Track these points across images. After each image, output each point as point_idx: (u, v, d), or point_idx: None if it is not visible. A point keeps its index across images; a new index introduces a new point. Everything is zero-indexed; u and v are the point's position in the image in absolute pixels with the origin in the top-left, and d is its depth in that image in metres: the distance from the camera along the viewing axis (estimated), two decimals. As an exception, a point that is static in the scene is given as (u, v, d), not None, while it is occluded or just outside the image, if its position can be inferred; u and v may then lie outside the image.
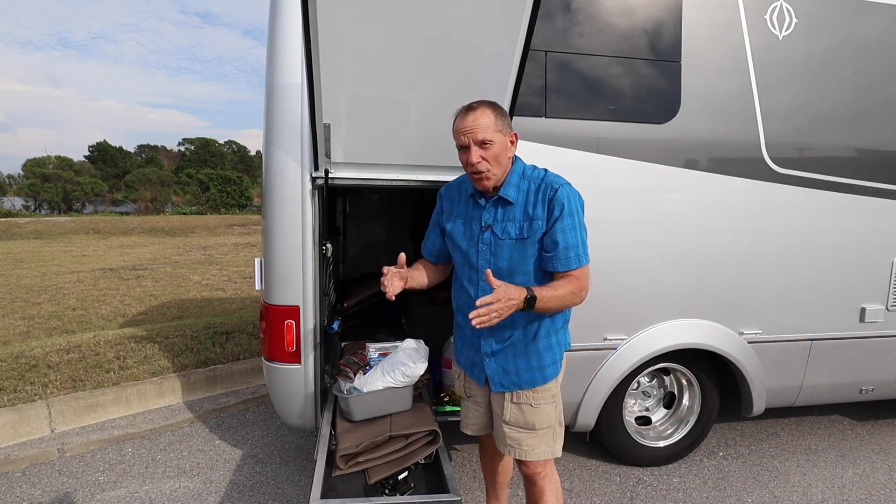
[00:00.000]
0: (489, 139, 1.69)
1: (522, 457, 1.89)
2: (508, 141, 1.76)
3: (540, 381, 1.85)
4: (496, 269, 1.76)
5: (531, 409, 1.86)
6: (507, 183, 1.78)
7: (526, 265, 1.77)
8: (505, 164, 1.76)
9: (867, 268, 2.92)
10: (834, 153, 2.81)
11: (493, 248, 1.78)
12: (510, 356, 1.85)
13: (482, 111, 1.71)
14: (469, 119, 1.70)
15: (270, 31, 2.31)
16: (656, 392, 3.15)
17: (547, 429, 1.89)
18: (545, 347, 1.84)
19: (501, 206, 1.79)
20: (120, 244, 13.28)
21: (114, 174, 48.56)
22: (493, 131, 1.70)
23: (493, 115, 1.71)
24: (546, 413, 1.88)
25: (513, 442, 1.89)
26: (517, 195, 1.77)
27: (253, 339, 4.58)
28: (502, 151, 1.73)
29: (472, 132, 1.70)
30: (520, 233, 1.75)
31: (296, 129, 2.28)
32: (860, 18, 2.75)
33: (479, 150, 1.70)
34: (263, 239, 2.45)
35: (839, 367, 3.04)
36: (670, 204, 2.65)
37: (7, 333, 4.89)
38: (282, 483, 2.86)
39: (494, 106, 1.75)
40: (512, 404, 1.87)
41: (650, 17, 2.55)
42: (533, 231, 1.73)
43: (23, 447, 3.21)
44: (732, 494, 2.83)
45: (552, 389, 1.88)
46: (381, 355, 2.50)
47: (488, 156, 1.71)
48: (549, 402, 1.88)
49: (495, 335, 1.84)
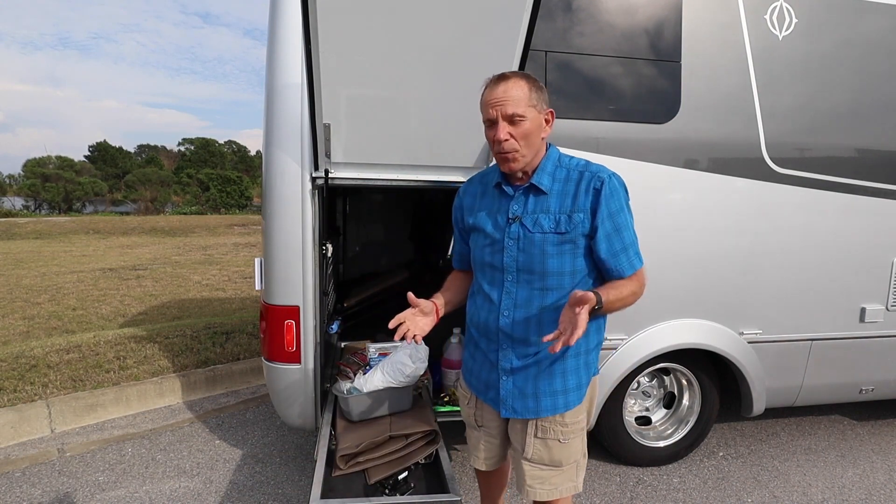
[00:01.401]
0: (521, 114, 1.46)
1: (544, 497, 1.65)
2: (543, 119, 1.54)
3: (562, 408, 1.60)
4: (524, 266, 1.56)
5: (559, 446, 1.62)
6: (540, 169, 1.56)
7: (562, 264, 1.54)
8: (537, 145, 1.54)
9: (867, 268, 2.92)
10: (834, 153, 2.81)
11: (522, 244, 1.55)
12: (531, 376, 1.60)
13: (515, 81, 1.48)
14: (500, 89, 1.48)
15: (270, 31, 2.31)
16: (656, 392, 3.15)
17: (572, 464, 1.66)
18: (573, 368, 1.61)
19: (533, 194, 1.57)
20: (120, 244, 13.28)
21: (114, 174, 48.60)
22: (525, 105, 1.47)
23: (527, 87, 1.49)
24: (574, 447, 1.65)
25: (533, 482, 1.65)
26: (552, 184, 1.55)
27: (253, 339, 4.58)
28: (535, 130, 1.50)
29: (501, 105, 1.47)
30: (556, 226, 1.52)
31: (296, 129, 2.28)
32: (860, 18, 2.75)
33: (508, 126, 1.48)
34: (263, 239, 2.45)
35: (839, 367, 3.04)
36: (670, 204, 2.65)
37: (7, 333, 4.89)
38: (282, 483, 2.86)
39: (530, 78, 1.52)
40: (536, 439, 1.62)
41: (650, 17, 2.55)
42: (573, 225, 1.51)
43: (23, 447, 3.21)
44: (732, 494, 2.83)
45: (582, 422, 1.65)
46: (381, 355, 2.50)
47: (518, 133, 1.48)
48: (577, 435, 1.65)
49: (517, 349, 1.60)
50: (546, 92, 1.56)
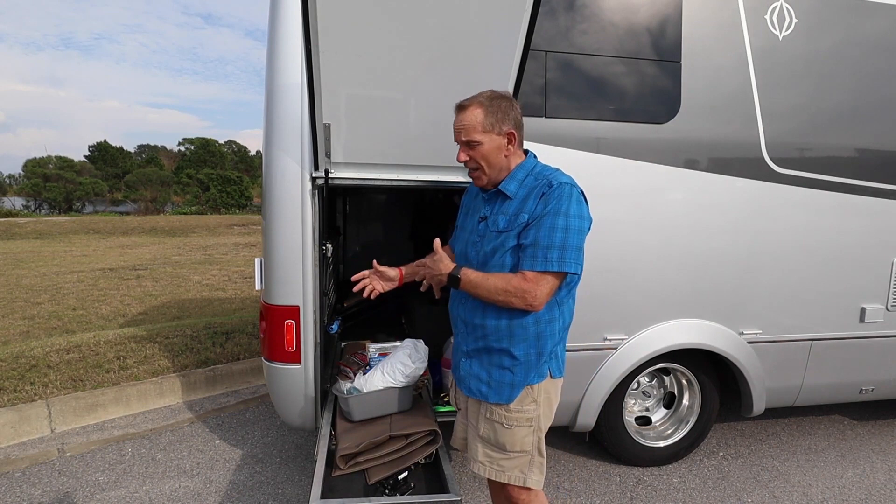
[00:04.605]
0: (476, 140, 1.64)
1: (493, 476, 1.77)
2: (503, 140, 1.67)
3: (505, 399, 1.70)
4: (483, 259, 1.71)
5: (503, 430, 1.72)
6: (510, 177, 1.70)
7: (504, 259, 1.65)
8: (499, 163, 1.68)
9: (867, 268, 2.92)
10: (834, 153, 2.81)
11: (483, 240, 1.72)
12: (484, 362, 1.74)
13: (471, 110, 1.64)
14: (458, 118, 1.67)
15: (270, 31, 2.31)
16: (656, 392, 3.15)
17: (521, 453, 1.74)
18: (522, 364, 1.69)
19: (500, 199, 1.72)
20: (120, 244, 13.28)
21: (114, 174, 48.56)
22: (479, 132, 1.63)
23: (482, 114, 1.63)
24: (520, 436, 1.73)
25: (483, 458, 1.77)
26: (517, 190, 1.68)
27: (253, 339, 4.58)
28: (492, 151, 1.66)
29: (459, 131, 1.67)
30: (506, 225, 1.66)
31: (296, 129, 2.28)
32: (860, 18, 2.75)
33: (468, 149, 1.67)
34: (263, 239, 2.45)
35: (839, 367, 3.04)
36: (670, 204, 2.65)
37: (7, 333, 4.89)
38: (282, 483, 2.86)
39: (486, 104, 1.64)
40: (485, 420, 1.76)
41: (650, 17, 2.55)
42: (517, 224, 1.63)
43: (23, 447, 3.21)
44: (732, 494, 2.83)
45: (528, 413, 1.72)
46: (381, 355, 2.50)
47: (476, 155, 1.67)
48: (523, 425, 1.72)
49: (471, 334, 1.76)
50: (509, 113, 1.66)
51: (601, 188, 2.51)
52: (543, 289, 1.58)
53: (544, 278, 1.58)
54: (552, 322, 1.70)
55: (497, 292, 1.61)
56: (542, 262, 1.57)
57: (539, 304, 1.60)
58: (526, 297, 1.58)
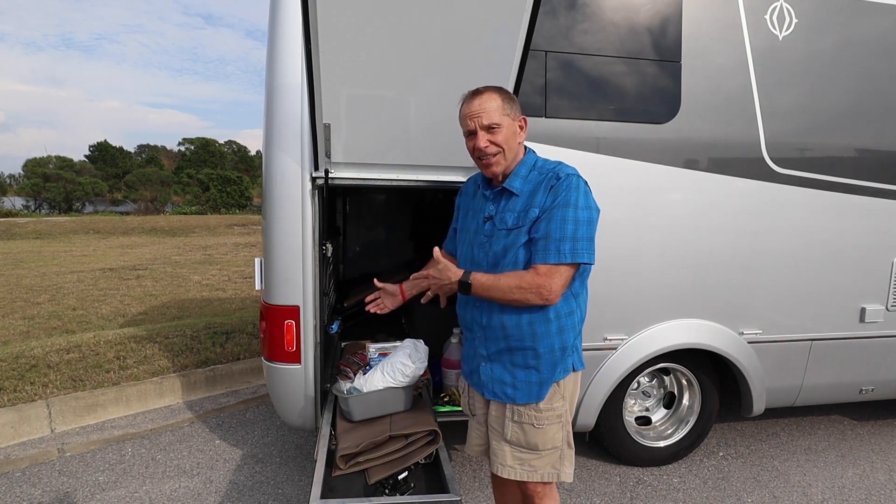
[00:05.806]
0: (496, 123, 1.64)
1: (525, 478, 1.74)
2: (517, 126, 1.70)
3: (535, 398, 1.69)
4: (493, 260, 1.69)
5: (534, 430, 1.71)
6: (514, 174, 1.71)
7: (517, 256, 1.64)
8: (514, 149, 1.70)
9: (867, 268, 2.92)
10: (834, 153, 2.81)
11: (492, 240, 1.70)
12: (507, 363, 1.72)
13: (488, 95, 1.66)
14: (475, 103, 1.66)
15: (270, 31, 2.31)
16: (656, 392, 3.15)
17: (552, 450, 1.74)
18: (547, 361, 1.68)
19: (505, 197, 1.71)
20: (120, 244, 13.29)
21: (114, 174, 48.56)
22: (500, 115, 1.65)
23: (500, 98, 1.66)
24: (551, 434, 1.72)
25: (514, 462, 1.74)
26: (523, 186, 1.68)
27: (253, 339, 4.58)
28: (511, 136, 1.68)
29: (478, 116, 1.65)
30: (516, 222, 1.65)
31: (296, 129, 2.28)
32: (860, 18, 2.75)
33: (487, 134, 1.65)
34: (263, 239, 2.45)
35: (839, 367, 3.04)
36: (670, 204, 2.65)
37: (7, 333, 4.89)
38: (282, 483, 2.86)
39: (501, 90, 1.70)
40: (513, 423, 1.73)
41: (651, 17, 2.55)
42: (528, 219, 1.63)
43: (23, 447, 3.21)
44: (732, 494, 2.83)
45: (558, 409, 1.72)
46: (381, 355, 2.50)
47: (496, 140, 1.66)
48: (553, 422, 1.72)
49: (490, 337, 1.73)
50: (517, 102, 1.73)
51: (601, 188, 2.48)
52: (557, 281, 1.58)
53: (557, 270, 1.58)
54: (571, 315, 1.70)
55: (511, 291, 1.60)
56: (554, 255, 1.57)
57: (555, 297, 1.59)
58: (541, 291, 1.58)
